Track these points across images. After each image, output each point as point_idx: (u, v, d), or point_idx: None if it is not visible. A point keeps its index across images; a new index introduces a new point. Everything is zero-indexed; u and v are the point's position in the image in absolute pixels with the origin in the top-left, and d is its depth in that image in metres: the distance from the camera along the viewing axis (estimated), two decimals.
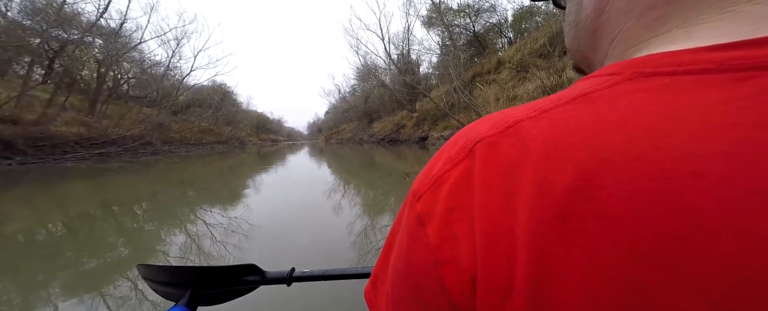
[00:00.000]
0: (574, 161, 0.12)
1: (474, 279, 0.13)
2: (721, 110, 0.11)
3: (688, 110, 0.11)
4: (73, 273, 1.84)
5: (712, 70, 0.12)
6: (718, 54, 0.12)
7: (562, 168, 0.12)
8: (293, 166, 8.89)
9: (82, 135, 11.44)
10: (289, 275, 0.53)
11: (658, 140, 0.11)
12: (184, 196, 4.50)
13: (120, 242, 2.41)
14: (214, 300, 0.52)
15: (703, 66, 0.12)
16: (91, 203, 3.87)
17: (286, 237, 2.31)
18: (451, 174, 0.16)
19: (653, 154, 0.11)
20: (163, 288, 0.53)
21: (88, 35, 13.81)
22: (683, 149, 0.11)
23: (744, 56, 0.12)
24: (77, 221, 3.03)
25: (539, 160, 0.13)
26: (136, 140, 13.75)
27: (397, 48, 24.29)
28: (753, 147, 0.10)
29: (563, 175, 0.12)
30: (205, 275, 0.50)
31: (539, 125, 0.14)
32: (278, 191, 4.53)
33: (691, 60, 0.12)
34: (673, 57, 0.13)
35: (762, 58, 0.11)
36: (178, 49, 21.35)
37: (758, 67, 0.11)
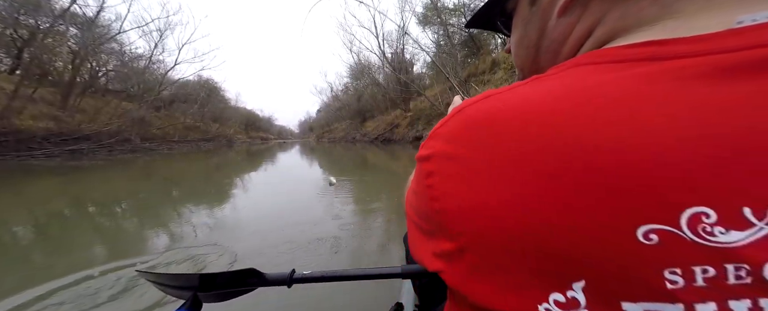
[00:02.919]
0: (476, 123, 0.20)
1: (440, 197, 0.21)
2: (594, 82, 0.17)
3: (600, 87, 0.17)
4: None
5: (623, 60, 0.18)
6: (631, 50, 0.18)
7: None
8: (284, 165, 8.47)
9: (52, 130, 10.57)
10: (290, 276, 0.54)
11: (554, 103, 0.17)
12: (167, 196, 4.05)
13: (92, 246, 2.18)
14: (216, 297, 0.53)
15: (618, 57, 0.19)
16: (58, 204, 3.43)
17: (282, 239, 2.23)
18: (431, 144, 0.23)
19: (547, 114, 0.17)
20: (165, 288, 0.54)
21: (61, 23, 12.83)
22: (567, 111, 0.17)
23: (638, 53, 0.18)
24: (38, 223, 2.61)
25: (463, 127, 0.20)
26: (112, 136, 12.87)
27: (391, 47, 23.99)
28: (601, 105, 0.16)
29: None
30: (205, 280, 0.50)
31: (492, 102, 0.20)
32: (272, 191, 4.25)
33: (622, 55, 0.19)
34: (600, 54, 0.20)
35: (642, 54, 0.18)
36: (161, 41, 20.23)
37: (636, 59, 0.18)
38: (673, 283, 0.14)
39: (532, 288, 0.17)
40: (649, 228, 0.14)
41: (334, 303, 1.36)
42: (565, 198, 0.15)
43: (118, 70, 18.24)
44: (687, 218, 0.14)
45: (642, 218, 0.14)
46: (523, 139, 0.17)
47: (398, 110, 24.20)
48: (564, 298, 0.16)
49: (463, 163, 0.19)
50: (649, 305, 0.14)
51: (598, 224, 0.15)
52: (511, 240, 0.17)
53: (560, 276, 0.16)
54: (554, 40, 0.26)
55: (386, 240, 2.18)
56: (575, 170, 0.15)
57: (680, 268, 0.14)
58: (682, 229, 0.14)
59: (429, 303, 0.65)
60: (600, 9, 0.22)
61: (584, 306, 0.15)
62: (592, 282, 0.15)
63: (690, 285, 0.14)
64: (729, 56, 0.15)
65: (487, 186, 0.18)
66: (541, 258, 0.16)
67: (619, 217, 0.14)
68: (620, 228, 0.14)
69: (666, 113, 0.15)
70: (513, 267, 0.17)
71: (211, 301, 0.54)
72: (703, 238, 0.14)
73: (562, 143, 0.16)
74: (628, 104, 0.16)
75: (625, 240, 0.14)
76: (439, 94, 16.12)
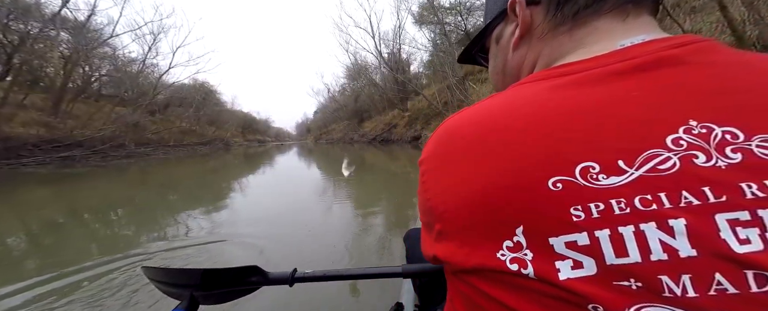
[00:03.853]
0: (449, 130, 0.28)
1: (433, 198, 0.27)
2: (522, 93, 0.26)
3: (521, 96, 0.26)
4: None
5: (544, 79, 0.26)
6: (550, 71, 0.27)
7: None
8: (283, 167, 8.33)
9: (43, 137, 10.34)
10: (291, 275, 0.54)
11: (497, 110, 0.25)
12: (163, 200, 3.90)
13: (94, 251, 2.10)
14: (217, 299, 0.52)
15: (541, 77, 0.27)
16: (51, 212, 3.26)
17: (282, 240, 2.22)
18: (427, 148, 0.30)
19: (494, 118, 0.25)
20: (167, 287, 0.53)
21: (51, 27, 12.59)
22: (507, 116, 0.24)
23: (553, 73, 0.26)
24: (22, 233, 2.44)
25: (440, 134, 0.29)
26: (106, 141, 12.64)
27: (387, 47, 23.87)
28: (519, 105, 0.25)
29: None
30: (208, 277, 0.50)
31: (454, 117, 0.28)
32: (271, 193, 4.17)
33: (544, 75, 0.27)
34: (533, 76, 0.28)
35: (555, 73, 0.26)
36: (155, 44, 19.97)
37: (551, 77, 0.26)
38: (577, 217, 0.20)
39: (490, 240, 0.22)
40: (556, 179, 0.20)
41: (335, 303, 1.35)
42: (496, 168, 0.22)
43: (111, 75, 17.98)
44: (579, 170, 0.20)
45: (551, 172, 0.21)
46: (468, 135, 0.25)
47: (396, 109, 24.09)
48: (512, 243, 0.21)
49: (437, 162, 0.27)
50: (566, 237, 0.20)
51: (522, 180, 0.21)
52: (469, 207, 0.23)
53: (506, 225, 0.22)
54: (513, 67, 0.35)
55: (386, 240, 2.16)
56: (501, 147, 0.23)
57: (580, 205, 0.20)
58: (576, 177, 0.20)
59: (429, 303, 0.65)
60: (539, 46, 0.32)
61: (526, 246, 0.21)
62: (527, 224, 0.21)
63: (589, 217, 0.19)
64: (604, 68, 0.24)
65: (450, 175, 0.25)
66: (489, 214, 0.22)
67: (535, 173, 0.21)
68: (538, 181, 0.21)
69: (560, 104, 0.23)
70: (475, 228, 0.23)
71: (209, 302, 0.52)
72: (591, 183, 0.20)
73: (491, 130, 0.24)
74: (536, 103, 0.24)
75: (542, 188, 0.20)
76: (437, 93, 16.01)
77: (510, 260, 0.21)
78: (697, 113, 0.20)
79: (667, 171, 0.19)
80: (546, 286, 0.20)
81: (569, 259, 0.20)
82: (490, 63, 0.41)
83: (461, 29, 19.40)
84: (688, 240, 0.18)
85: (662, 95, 0.21)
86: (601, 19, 0.27)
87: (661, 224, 0.18)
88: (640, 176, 0.19)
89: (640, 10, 0.27)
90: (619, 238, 0.19)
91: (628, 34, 0.26)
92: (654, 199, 0.19)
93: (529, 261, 0.21)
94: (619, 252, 0.19)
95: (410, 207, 3.04)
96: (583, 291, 0.19)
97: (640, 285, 0.18)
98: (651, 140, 0.20)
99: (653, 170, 0.19)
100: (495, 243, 0.22)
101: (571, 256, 0.20)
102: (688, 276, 0.17)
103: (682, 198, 0.18)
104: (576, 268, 0.19)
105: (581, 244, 0.19)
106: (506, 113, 0.25)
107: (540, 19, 0.31)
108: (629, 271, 0.18)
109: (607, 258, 0.19)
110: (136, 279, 1.65)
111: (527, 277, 0.21)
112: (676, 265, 0.18)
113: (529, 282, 0.21)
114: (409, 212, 2.83)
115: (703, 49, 0.23)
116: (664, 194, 0.19)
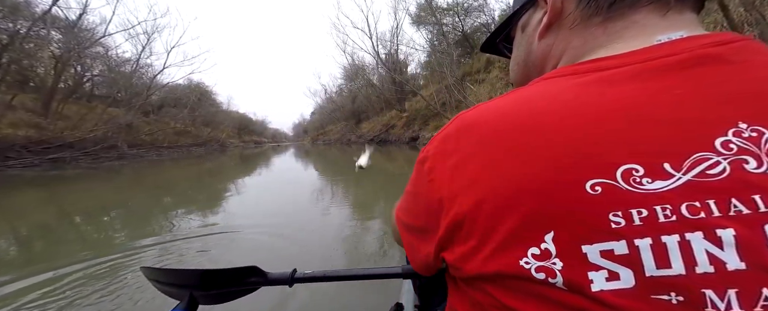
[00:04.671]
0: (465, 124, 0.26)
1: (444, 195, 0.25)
2: (553, 89, 0.24)
3: (551, 91, 0.24)
4: None
5: (575, 74, 0.25)
6: (581, 66, 0.25)
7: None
8: (280, 169, 8.21)
9: (31, 138, 10.06)
10: (291, 276, 0.53)
11: (526, 105, 0.24)
12: (158, 204, 3.74)
13: (87, 252, 2.06)
14: (216, 299, 0.52)
15: (572, 72, 0.25)
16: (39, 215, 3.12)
17: (282, 242, 2.19)
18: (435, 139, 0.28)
19: (523, 116, 0.23)
20: (167, 287, 0.53)
21: (41, 26, 12.29)
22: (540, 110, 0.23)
23: (587, 68, 0.24)
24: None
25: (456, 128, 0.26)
26: (98, 143, 12.36)
27: (384, 47, 23.81)
28: (554, 102, 0.22)
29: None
30: (207, 277, 0.50)
31: (472, 111, 0.26)
32: (270, 194, 4.14)
33: (575, 70, 0.25)
34: (562, 70, 0.27)
35: (589, 68, 0.24)
36: (149, 44, 19.64)
37: (585, 72, 0.24)
38: (617, 224, 0.18)
39: (513, 245, 0.21)
40: (595, 182, 0.19)
41: (335, 303, 1.34)
42: (527, 168, 0.20)
43: (104, 75, 17.65)
44: (621, 173, 0.18)
45: (588, 174, 0.19)
46: (493, 131, 0.23)
47: (394, 110, 24.00)
48: (539, 250, 0.20)
49: (456, 156, 0.25)
50: (601, 245, 0.18)
51: (557, 183, 0.19)
52: (492, 208, 0.21)
53: (534, 230, 0.20)
54: (537, 57, 0.33)
55: (386, 241, 2.12)
56: (532, 145, 0.21)
57: (621, 211, 0.18)
58: (617, 181, 0.18)
59: (429, 303, 0.65)
60: (567, 37, 0.29)
61: (555, 254, 0.19)
62: (559, 231, 0.19)
63: (630, 225, 0.18)
64: (643, 65, 0.22)
65: (470, 172, 0.23)
66: (516, 218, 0.20)
67: (571, 175, 0.19)
68: (574, 183, 0.19)
69: (596, 101, 0.21)
70: (496, 230, 0.21)
71: (209, 302, 0.51)
72: (634, 187, 0.18)
73: (519, 126, 0.22)
74: (569, 99, 0.22)
75: (578, 192, 0.19)
76: (435, 93, 15.96)
77: (536, 268, 0.20)
78: (746, 115, 0.19)
79: (716, 177, 0.18)
80: (576, 297, 0.19)
81: (604, 269, 0.18)
82: (513, 53, 0.38)
83: (459, 30, 19.41)
84: (736, 252, 0.17)
85: (708, 95, 0.20)
86: (639, 12, 0.25)
87: (708, 235, 0.17)
88: (687, 182, 0.18)
89: (683, 6, 0.25)
90: (662, 248, 0.17)
91: (668, 29, 0.24)
92: (702, 207, 0.17)
93: (557, 271, 0.19)
94: (662, 262, 0.17)
95: None
96: (617, 305, 0.18)
97: (681, 299, 0.17)
98: (699, 143, 0.18)
99: (702, 174, 0.18)
100: (519, 250, 0.20)
101: (607, 266, 0.18)
102: (734, 290, 0.16)
103: (732, 207, 0.17)
104: (611, 280, 0.18)
105: (619, 253, 0.18)
106: (537, 109, 0.23)
107: (571, 7, 0.28)
108: (671, 284, 0.17)
109: (646, 269, 0.18)
110: (135, 279, 1.63)
111: (555, 286, 0.19)
112: (722, 279, 0.17)
113: (556, 293, 0.20)
114: None
115: (745, 48, 0.21)
116: (713, 202, 0.17)
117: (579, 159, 0.19)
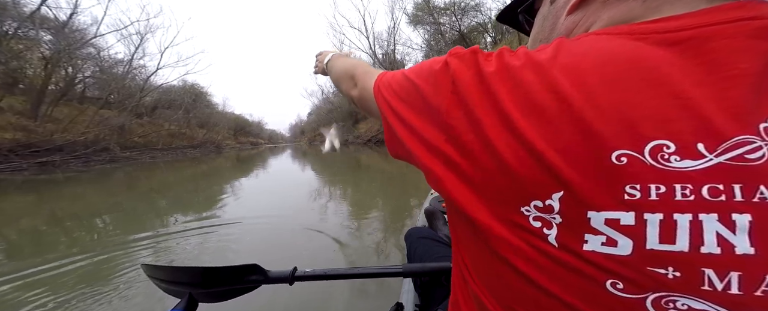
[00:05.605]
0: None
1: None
2: (609, 46, 0.21)
3: (600, 47, 0.21)
4: None
5: (627, 34, 0.22)
6: (633, 27, 0.22)
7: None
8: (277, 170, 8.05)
9: (19, 142, 9.77)
10: (292, 274, 0.54)
11: (568, 57, 0.22)
12: (153, 206, 3.59)
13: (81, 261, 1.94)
14: (217, 297, 0.52)
15: (625, 31, 0.22)
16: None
17: (282, 241, 2.17)
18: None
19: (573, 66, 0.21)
20: (167, 285, 0.53)
21: (30, 27, 11.98)
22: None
23: (650, 29, 0.21)
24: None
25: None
26: (89, 146, 12.06)
27: (382, 47, 23.70)
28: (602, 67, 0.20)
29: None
30: (208, 275, 0.50)
31: (517, 53, 0.24)
32: (269, 195, 4.06)
33: (628, 30, 0.22)
34: (623, 27, 0.24)
35: (626, 30, 0.22)
36: (142, 45, 19.33)
37: (640, 33, 0.21)
38: (631, 196, 0.18)
39: (518, 192, 0.21)
40: (621, 153, 0.18)
41: (335, 302, 1.32)
42: (561, 126, 0.19)
43: (95, 77, 17.30)
44: (651, 148, 0.18)
45: (618, 144, 0.18)
46: (533, 79, 0.21)
47: None
48: (542, 204, 0.20)
49: (488, 99, 0.22)
50: (608, 213, 0.18)
51: (585, 146, 0.19)
52: (509, 159, 0.21)
53: (545, 186, 0.20)
54: (561, 33, 0.31)
55: (386, 240, 2.10)
56: (569, 102, 0.20)
57: (639, 184, 0.18)
58: (644, 155, 0.18)
59: (429, 303, 0.64)
60: (598, 10, 0.27)
61: (557, 211, 0.20)
62: (569, 192, 0.19)
63: (645, 198, 0.18)
64: (698, 30, 0.20)
65: (497, 117, 0.22)
66: (529, 170, 0.20)
67: (600, 142, 0.19)
68: (601, 150, 0.18)
69: (644, 66, 0.19)
70: (508, 173, 0.21)
71: (209, 301, 0.51)
72: (661, 163, 0.18)
73: (559, 81, 0.20)
74: (616, 59, 0.20)
75: (603, 160, 0.18)
76: None
77: (534, 217, 0.20)
78: None
79: (752, 162, 0.17)
80: (564, 253, 0.20)
81: (603, 235, 0.19)
82: (535, 26, 0.34)
83: (456, 30, 19.36)
84: (748, 238, 0.17)
85: (762, 73, 0.18)
86: None
87: (723, 217, 0.17)
88: (718, 164, 0.17)
89: None
90: (671, 225, 0.18)
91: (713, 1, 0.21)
92: (725, 190, 0.17)
93: (556, 224, 0.20)
94: (666, 238, 0.18)
95: (409, 207, 3.02)
96: (607, 267, 0.19)
97: (677, 274, 0.17)
98: (744, 125, 0.17)
99: (738, 158, 0.17)
100: (522, 198, 0.21)
101: (607, 233, 0.19)
102: (738, 273, 0.17)
103: (758, 193, 0.17)
104: (607, 245, 0.19)
105: (624, 223, 0.18)
106: (581, 65, 0.21)
107: None
108: (671, 259, 0.18)
109: (648, 242, 0.18)
110: (135, 277, 1.62)
111: (546, 239, 0.20)
112: (727, 261, 0.17)
113: (545, 246, 0.20)
114: (409, 213, 2.80)
115: None
116: (739, 187, 0.17)
117: (612, 127, 0.18)
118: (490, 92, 0.22)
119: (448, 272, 0.55)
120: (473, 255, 0.26)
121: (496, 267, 0.23)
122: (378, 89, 0.33)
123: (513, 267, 0.22)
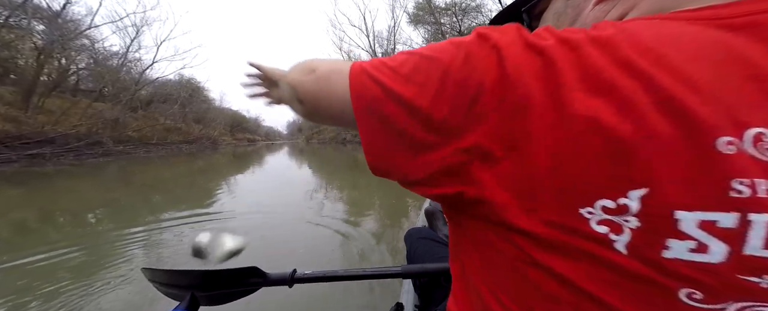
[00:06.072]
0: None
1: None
2: (684, 30, 0.18)
3: (676, 29, 0.18)
4: None
5: (693, 19, 0.19)
6: (693, 13, 0.19)
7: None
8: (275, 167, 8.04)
9: (9, 133, 9.53)
10: (291, 276, 0.53)
11: (649, 33, 0.18)
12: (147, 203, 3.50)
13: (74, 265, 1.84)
14: (217, 300, 0.52)
15: (693, 17, 0.19)
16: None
17: (281, 242, 2.13)
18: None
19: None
20: (167, 289, 0.53)
21: (22, 16, 11.69)
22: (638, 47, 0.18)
23: (673, 17, 0.19)
24: None
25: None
26: (81, 139, 11.83)
27: (382, 46, 23.60)
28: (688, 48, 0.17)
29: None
30: (208, 278, 0.50)
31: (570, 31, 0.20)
32: (268, 195, 3.97)
33: (689, 15, 0.19)
34: (681, 13, 0.21)
35: (678, 16, 0.19)
36: (138, 37, 19.02)
37: (674, 19, 0.19)
38: (738, 192, 0.15)
39: (578, 192, 0.17)
40: (728, 139, 0.15)
41: (335, 303, 1.32)
42: (651, 108, 0.16)
43: (89, 69, 16.97)
44: (753, 136, 0.15)
45: (721, 128, 0.15)
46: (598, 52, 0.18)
47: None
48: (614, 204, 0.16)
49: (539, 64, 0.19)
50: (704, 214, 0.15)
51: (680, 133, 0.15)
52: (574, 142, 0.17)
53: (621, 181, 0.16)
54: (587, 26, 0.26)
55: (386, 241, 2.08)
56: (653, 76, 0.16)
57: (749, 179, 0.15)
58: (744, 144, 0.15)
59: (429, 303, 0.64)
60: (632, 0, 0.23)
61: (634, 212, 0.16)
62: (656, 189, 0.16)
63: (754, 196, 0.15)
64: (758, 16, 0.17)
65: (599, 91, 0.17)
66: (607, 159, 0.16)
67: (702, 124, 0.15)
68: (703, 134, 0.15)
69: (720, 57, 0.16)
70: (566, 171, 0.17)
71: (210, 303, 0.51)
72: (763, 153, 0.15)
73: (653, 72, 0.17)
74: (699, 40, 0.17)
75: (705, 147, 0.15)
76: None
77: (598, 221, 0.17)
78: None
79: None
80: (635, 263, 0.16)
81: (693, 240, 0.15)
82: (547, 24, 0.29)
83: (456, 30, 19.36)
84: None
85: None
86: None
87: None
88: None
89: None
90: None
91: None
92: None
93: (629, 229, 0.16)
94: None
95: (408, 208, 3.01)
96: (689, 276, 0.16)
97: None
98: None
99: None
100: (583, 197, 0.17)
101: (699, 237, 0.15)
102: None
103: None
104: (696, 252, 0.16)
105: (722, 226, 0.15)
106: (652, 43, 0.17)
107: None
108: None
109: (749, 247, 0.15)
110: (134, 278, 1.58)
111: (611, 246, 0.17)
112: None
113: (610, 254, 0.17)
114: (407, 213, 2.80)
115: None
116: None
117: (710, 107, 0.15)
118: (554, 67, 0.18)
119: (447, 273, 0.54)
120: (488, 258, 0.22)
121: (522, 271, 0.20)
122: (362, 70, 0.24)
123: (557, 275, 0.18)
